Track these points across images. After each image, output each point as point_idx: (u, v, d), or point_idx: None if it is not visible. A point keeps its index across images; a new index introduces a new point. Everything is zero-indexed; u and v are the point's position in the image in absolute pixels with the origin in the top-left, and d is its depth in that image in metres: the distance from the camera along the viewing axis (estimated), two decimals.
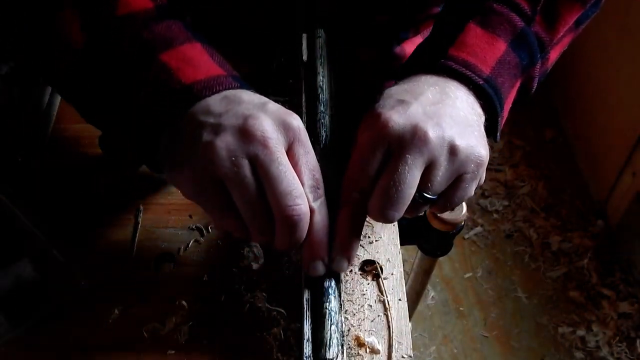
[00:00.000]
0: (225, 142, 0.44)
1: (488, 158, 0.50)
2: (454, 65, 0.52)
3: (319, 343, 0.46)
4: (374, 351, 0.48)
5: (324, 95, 0.62)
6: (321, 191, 0.48)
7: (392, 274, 0.53)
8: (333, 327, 0.47)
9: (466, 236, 1.90)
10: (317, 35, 0.65)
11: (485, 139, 0.51)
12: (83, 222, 0.60)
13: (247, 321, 0.52)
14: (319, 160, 0.49)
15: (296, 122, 0.47)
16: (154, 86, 0.47)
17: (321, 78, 0.60)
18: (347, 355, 0.48)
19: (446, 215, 0.58)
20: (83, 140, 0.68)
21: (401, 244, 0.56)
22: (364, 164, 0.47)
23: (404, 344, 0.49)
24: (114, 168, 0.65)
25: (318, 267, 0.48)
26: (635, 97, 1.67)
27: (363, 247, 0.55)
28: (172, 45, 0.48)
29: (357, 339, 0.49)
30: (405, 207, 0.47)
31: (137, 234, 0.59)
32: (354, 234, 0.49)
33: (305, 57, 0.64)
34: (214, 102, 0.46)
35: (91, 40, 0.49)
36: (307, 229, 0.46)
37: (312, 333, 0.47)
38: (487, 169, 0.50)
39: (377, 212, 0.47)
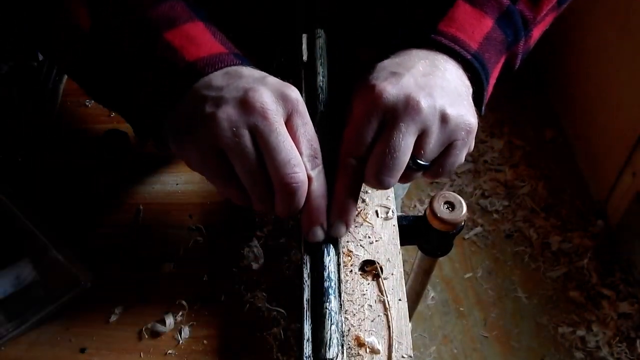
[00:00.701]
0: (226, 114, 0.46)
1: (476, 126, 0.52)
2: (444, 40, 0.54)
3: (319, 343, 0.46)
4: (374, 351, 0.48)
5: (323, 95, 0.62)
6: (319, 160, 0.50)
7: (392, 274, 0.53)
8: (333, 327, 0.47)
9: (466, 236, 1.90)
10: (317, 35, 0.65)
11: (473, 108, 0.53)
12: (83, 222, 0.60)
13: (247, 321, 0.52)
14: (316, 131, 0.50)
15: (294, 94, 0.49)
16: (159, 64, 0.49)
17: (321, 78, 0.60)
18: (347, 355, 0.48)
19: (446, 215, 0.58)
20: (83, 140, 0.68)
21: (401, 244, 0.56)
22: (360, 133, 0.49)
23: (404, 344, 0.49)
24: (114, 168, 0.65)
25: (317, 232, 0.50)
26: (635, 97, 1.67)
27: (363, 247, 0.55)
28: (175, 25, 0.50)
29: (357, 339, 0.49)
30: (400, 173, 0.49)
31: (137, 234, 0.59)
32: (351, 200, 0.50)
33: (305, 57, 0.64)
34: (216, 77, 0.49)
35: (97, 22, 0.51)
36: (305, 196, 0.48)
37: (312, 333, 0.47)
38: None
39: (373, 178, 0.49)
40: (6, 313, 0.51)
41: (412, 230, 0.61)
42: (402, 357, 0.48)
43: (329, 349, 0.45)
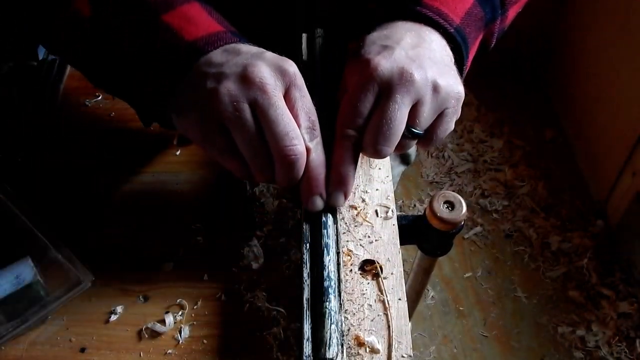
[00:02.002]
0: (227, 89, 0.48)
1: (464, 94, 0.55)
2: (428, 13, 0.55)
3: (319, 342, 0.46)
4: (374, 351, 0.48)
5: (323, 95, 0.62)
6: (317, 132, 0.51)
7: (392, 274, 0.53)
8: (333, 326, 0.47)
9: (466, 236, 1.90)
10: (317, 35, 0.65)
11: (459, 77, 0.55)
12: (83, 222, 0.60)
13: (247, 321, 0.53)
14: (314, 104, 0.52)
15: (292, 68, 0.50)
16: (160, 45, 0.51)
17: (321, 78, 0.60)
18: (347, 355, 0.48)
19: (446, 214, 0.58)
20: (83, 140, 0.68)
21: (401, 244, 0.56)
22: (357, 105, 0.51)
23: (403, 344, 0.49)
24: (114, 168, 0.65)
25: (316, 201, 0.52)
26: (635, 97, 1.67)
27: (363, 246, 0.55)
28: (172, 7, 0.52)
29: (357, 338, 0.49)
30: (397, 142, 0.51)
31: (137, 234, 0.59)
32: (350, 170, 0.52)
33: (305, 57, 0.64)
34: (215, 55, 0.50)
35: (97, 9, 0.52)
36: (304, 166, 0.50)
37: (311, 332, 0.47)
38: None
39: (371, 147, 0.51)
40: (6, 313, 0.51)
41: (412, 229, 0.61)
42: (402, 356, 0.48)
43: (328, 349, 0.45)
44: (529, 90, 2.33)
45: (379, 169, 0.61)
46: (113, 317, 0.53)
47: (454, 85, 0.53)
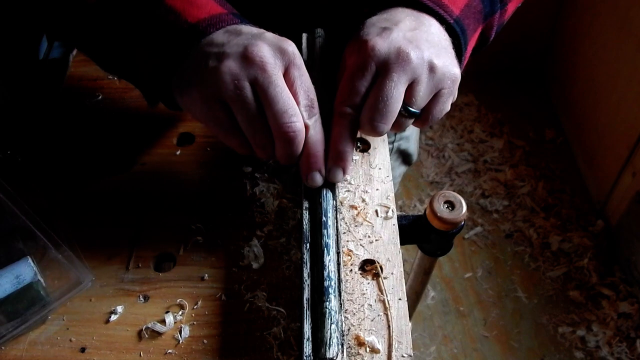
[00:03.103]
0: (228, 67, 0.49)
1: (460, 77, 0.56)
2: (429, 3, 0.56)
3: (319, 342, 0.46)
4: (374, 350, 0.48)
5: (323, 95, 0.62)
6: (315, 109, 0.53)
7: (392, 274, 0.53)
8: (333, 326, 0.47)
9: (466, 236, 1.90)
10: (317, 35, 0.65)
11: (456, 60, 0.56)
12: (83, 222, 0.60)
13: (247, 321, 0.52)
14: (313, 83, 0.53)
15: (291, 47, 0.52)
16: (164, 28, 0.52)
17: (321, 78, 0.60)
18: (347, 355, 0.48)
19: (446, 214, 0.58)
20: (83, 141, 0.68)
21: (401, 244, 0.56)
22: (355, 83, 0.52)
23: (404, 344, 0.49)
24: (115, 168, 0.65)
25: (315, 177, 0.54)
26: (635, 97, 1.67)
27: (363, 246, 0.55)
28: None
29: (357, 338, 0.49)
30: (393, 119, 0.52)
31: (137, 234, 0.59)
32: (348, 146, 0.54)
33: (305, 57, 0.64)
34: (217, 35, 0.52)
35: None
36: (302, 143, 0.52)
37: (312, 332, 0.47)
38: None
39: (368, 125, 0.52)
40: (6, 313, 0.51)
41: (412, 229, 0.61)
42: (402, 356, 0.48)
43: (329, 349, 0.45)
44: (529, 91, 2.33)
45: (379, 169, 0.61)
46: (113, 317, 0.53)
47: (450, 66, 0.54)
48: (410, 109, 0.53)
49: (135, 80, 0.58)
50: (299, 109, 0.51)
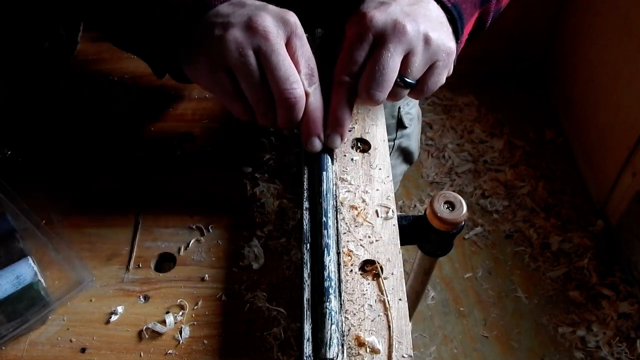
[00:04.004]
0: (233, 36, 0.52)
1: (455, 50, 0.58)
2: None
3: (320, 343, 0.46)
4: (374, 351, 0.48)
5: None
6: (315, 78, 0.56)
7: (392, 274, 0.53)
8: (333, 326, 0.47)
9: (466, 236, 1.90)
10: (317, 35, 0.65)
11: (452, 35, 0.58)
12: (83, 222, 0.60)
13: (247, 321, 0.52)
14: (314, 54, 0.56)
15: (293, 18, 0.54)
16: (172, 2, 0.55)
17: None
18: (347, 355, 0.48)
19: (446, 215, 0.58)
20: (83, 142, 0.68)
21: (401, 244, 0.56)
22: (353, 54, 0.55)
23: (404, 344, 0.49)
24: (115, 168, 0.65)
25: (315, 142, 0.57)
26: (635, 97, 1.67)
27: (363, 247, 0.55)
28: None
29: (358, 338, 0.49)
30: (389, 88, 0.54)
31: (137, 234, 0.59)
32: (345, 113, 0.56)
33: None
34: (223, 7, 0.55)
35: None
36: (303, 109, 0.54)
37: (312, 333, 0.47)
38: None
39: (365, 93, 0.54)
40: (6, 313, 0.51)
41: (412, 230, 0.61)
42: (402, 356, 0.48)
43: (329, 349, 0.45)
44: (529, 91, 2.33)
45: (380, 169, 0.61)
46: (113, 318, 0.53)
47: (445, 39, 0.56)
48: (406, 79, 0.55)
49: (144, 53, 0.61)
50: (300, 77, 0.54)
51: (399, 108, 0.93)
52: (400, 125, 0.95)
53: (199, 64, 0.54)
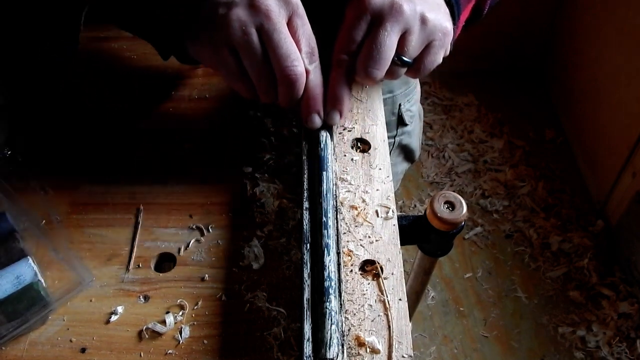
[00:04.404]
0: (236, 15, 0.54)
1: (452, 32, 0.59)
2: None
3: (320, 343, 0.46)
4: (374, 351, 0.48)
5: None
6: (316, 56, 0.57)
7: (392, 274, 0.53)
8: (333, 326, 0.47)
9: (466, 236, 1.90)
10: (316, 35, 0.65)
11: (449, 16, 0.60)
12: (83, 222, 0.60)
13: (247, 321, 0.52)
14: (314, 33, 0.57)
15: None
16: None
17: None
18: (347, 355, 0.48)
19: (446, 215, 0.58)
20: (83, 142, 0.68)
21: (401, 244, 0.56)
22: (351, 33, 0.57)
23: (404, 344, 0.49)
24: (114, 168, 0.65)
25: (315, 119, 0.58)
26: (636, 97, 1.67)
27: (363, 247, 0.55)
28: None
29: (358, 338, 0.49)
30: (386, 66, 0.56)
31: (137, 234, 0.59)
32: (344, 91, 0.58)
33: None
34: None
35: None
36: (303, 86, 0.56)
37: (312, 333, 0.47)
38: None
39: (363, 70, 0.56)
40: (6, 313, 0.51)
41: (412, 230, 0.61)
42: (402, 357, 0.48)
43: (329, 349, 0.45)
44: (529, 90, 2.33)
45: (380, 169, 0.61)
46: (113, 318, 0.53)
47: (441, 20, 0.57)
48: (403, 57, 0.57)
49: (149, 34, 0.62)
50: (301, 55, 0.55)
51: (400, 105, 0.93)
52: (400, 122, 0.95)
53: (203, 43, 0.56)
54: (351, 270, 0.53)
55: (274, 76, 0.55)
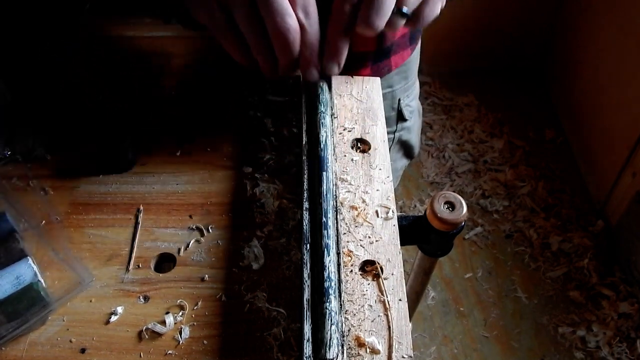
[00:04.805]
0: None
1: None
2: None
3: (319, 343, 0.46)
4: (374, 351, 0.48)
5: (324, 96, 0.62)
6: (311, 11, 0.57)
7: (392, 274, 0.53)
8: (333, 327, 0.47)
9: (466, 236, 1.90)
10: None
11: None
12: (83, 222, 0.60)
13: (247, 321, 0.52)
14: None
15: None
16: None
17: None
18: (347, 356, 0.48)
19: (446, 215, 0.58)
20: (82, 143, 0.68)
21: (401, 244, 0.56)
22: None
23: (404, 344, 0.49)
24: (115, 168, 0.65)
25: (313, 72, 0.59)
26: (635, 97, 1.67)
27: (363, 247, 0.55)
28: None
29: (358, 339, 0.49)
30: (386, 17, 0.56)
31: (137, 234, 0.59)
32: (342, 42, 0.58)
33: None
34: None
35: None
36: (298, 42, 0.56)
37: (312, 333, 0.47)
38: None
39: (364, 21, 0.56)
40: (6, 313, 0.51)
41: (412, 230, 0.61)
42: (402, 357, 0.48)
43: (329, 349, 0.45)
44: (529, 90, 2.33)
45: (380, 169, 0.61)
46: (113, 318, 0.53)
47: None
48: (403, 10, 0.58)
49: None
50: (295, 10, 0.55)
51: (399, 100, 0.93)
52: (400, 117, 0.95)
53: (199, 3, 0.56)
54: (351, 271, 0.53)
55: (267, 34, 0.55)
